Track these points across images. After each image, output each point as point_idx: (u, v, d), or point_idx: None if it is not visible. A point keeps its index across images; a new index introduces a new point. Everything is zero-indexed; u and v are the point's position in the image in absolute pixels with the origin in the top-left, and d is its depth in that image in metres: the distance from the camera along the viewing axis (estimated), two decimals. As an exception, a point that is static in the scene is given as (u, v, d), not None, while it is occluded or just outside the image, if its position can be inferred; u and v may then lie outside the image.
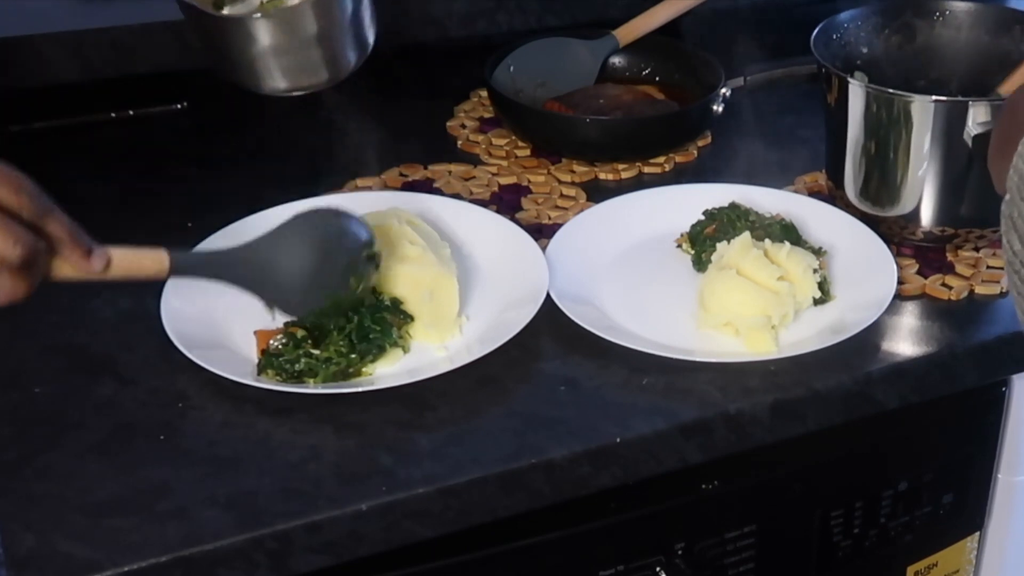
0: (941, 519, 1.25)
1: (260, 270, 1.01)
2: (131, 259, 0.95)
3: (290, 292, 1.02)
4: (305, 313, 1.04)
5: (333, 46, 1.31)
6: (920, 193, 1.19)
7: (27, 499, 0.93)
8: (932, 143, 1.16)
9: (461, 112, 1.49)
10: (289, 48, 1.28)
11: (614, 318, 1.12)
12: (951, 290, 1.18)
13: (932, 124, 1.15)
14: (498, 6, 1.66)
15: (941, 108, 1.15)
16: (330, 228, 1.04)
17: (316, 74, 1.33)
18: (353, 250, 1.04)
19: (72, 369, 1.07)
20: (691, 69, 1.48)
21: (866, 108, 1.18)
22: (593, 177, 1.36)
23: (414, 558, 1.00)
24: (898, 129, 1.17)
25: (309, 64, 1.31)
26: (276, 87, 1.33)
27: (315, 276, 1.02)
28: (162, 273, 0.97)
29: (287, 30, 1.28)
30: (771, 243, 1.14)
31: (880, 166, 1.20)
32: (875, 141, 1.19)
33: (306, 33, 1.28)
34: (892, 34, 1.31)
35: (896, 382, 1.09)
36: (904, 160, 1.18)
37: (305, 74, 1.32)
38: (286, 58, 1.29)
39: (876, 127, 1.18)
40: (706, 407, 1.03)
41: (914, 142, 1.17)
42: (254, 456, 0.97)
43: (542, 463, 0.98)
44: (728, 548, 1.13)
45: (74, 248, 0.91)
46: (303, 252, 1.02)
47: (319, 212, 1.05)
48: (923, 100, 1.15)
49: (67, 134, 1.42)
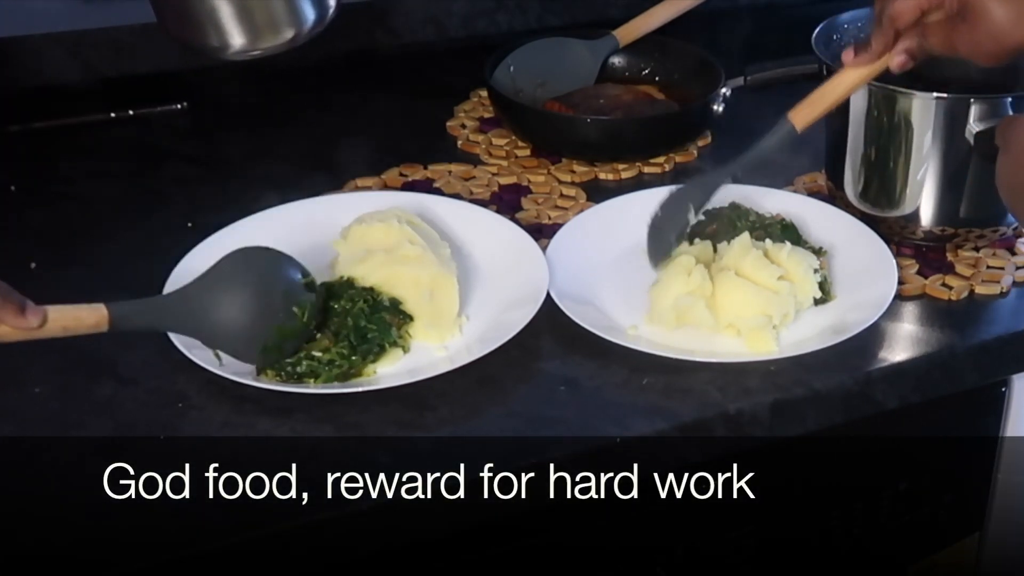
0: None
1: (201, 314, 1.01)
2: (69, 314, 0.95)
3: (235, 331, 1.02)
4: (255, 352, 1.03)
5: None
6: (920, 192, 1.19)
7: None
8: (933, 141, 1.16)
9: (461, 112, 1.49)
10: None
11: (614, 318, 1.12)
12: (951, 290, 1.18)
13: (933, 122, 1.15)
14: (498, 6, 1.66)
15: (943, 105, 1.15)
16: (261, 264, 1.04)
17: (274, 30, 1.19)
18: (290, 281, 1.04)
19: (72, 369, 1.07)
20: (691, 69, 1.48)
21: (867, 106, 1.18)
22: (593, 177, 1.36)
23: (414, 558, 1.00)
24: (899, 127, 1.17)
25: (264, 17, 1.19)
26: (229, 43, 1.19)
27: (256, 311, 1.02)
28: (102, 325, 0.96)
29: None
30: (771, 243, 1.14)
31: (880, 165, 1.20)
32: (876, 140, 1.19)
33: None
34: None
35: (896, 382, 1.09)
36: (905, 159, 1.18)
37: (260, 29, 1.19)
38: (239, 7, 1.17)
39: (877, 125, 1.18)
40: (706, 407, 1.03)
41: (915, 140, 1.17)
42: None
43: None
44: (728, 548, 1.13)
45: (4, 306, 0.90)
46: (240, 290, 1.02)
47: (247, 251, 1.04)
48: (925, 97, 1.15)
49: (67, 134, 1.42)
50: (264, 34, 1.19)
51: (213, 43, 1.18)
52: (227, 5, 1.16)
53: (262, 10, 1.18)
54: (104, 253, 1.21)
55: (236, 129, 1.44)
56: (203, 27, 1.17)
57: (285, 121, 1.47)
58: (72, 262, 1.20)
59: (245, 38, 1.18)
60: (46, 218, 1.27)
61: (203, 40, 1.18)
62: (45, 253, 1.21)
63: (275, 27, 1.19)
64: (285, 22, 1.19)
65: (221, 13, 1.16)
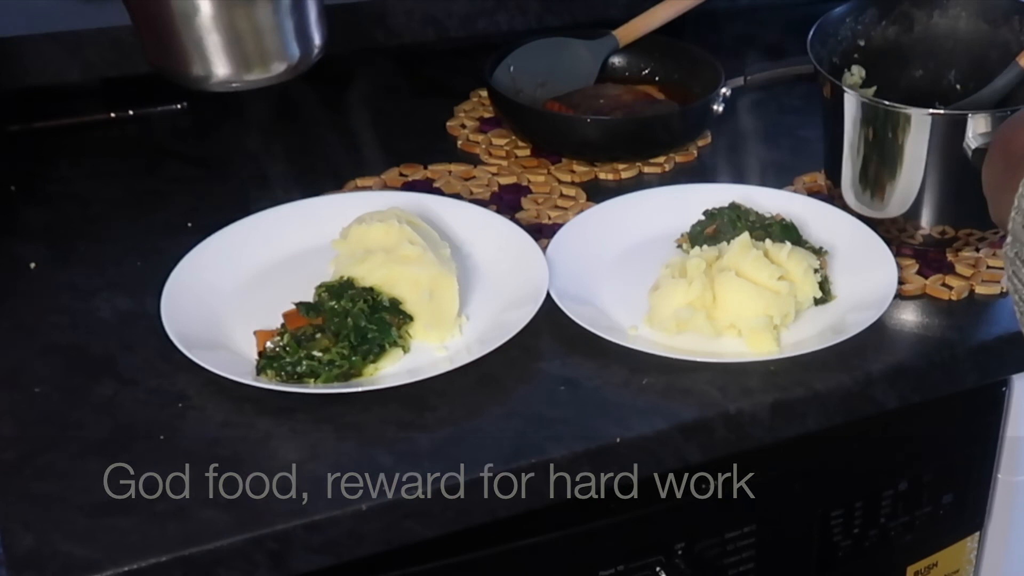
0: (941, 519, 1.25)
1: None
2: None
3: None
4: None
5: (279, 30, 1.20)
6: (919, 199, 1.19)
7: (27, 499, 0.93)
8: (930, 153, 1.15)
9: (461, 112, 1.49)
10: (231, 25, 1.18)
11: (614, 318, 1.12)
12: (951, 290, 1.18)
13: (930, 135, 1.14)
14: (498, 6, 1.66)
15: (939, 120, 1.13)
16: None
17: (262, 63, 1.21)
18: None
19: (72, 369, 1.07)
20: (691, 69, 1.48)
21: (862, 117, 1.18)
22: (593, 177, 1.36)
23: (414, 558, 1.00)
24: (894, 139, 1.16)
25: (254, 49, 1.20)
26: (216, 75, 1.21)
27: None
28: None
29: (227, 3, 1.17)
30: (771, 243, 1.14)
31: (876, 172, 1.20)
32: (871, 148, 1.19)
33: (249, 11, 1.18)
34: (889, 25, 1.31)
35: (896, 382, 1.09)
36: (901, 168, 1.17)
37: (248, 62, 1.21)
38: (226, 35, 1.18)
39: (871, 136, 1.18)
40: (706, 407, 1.03)
41: (910, 152, 1.15)
42: (254, 456, 0.97)
43: (542, 463, 0.98)
44: (728, 548, 1.13)
45: None
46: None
47: None
48: (920, 113, 1.14)
49: (67, 134, 1.42)
50: (250, 67, 1.20)
51: (196, 72, 1.19)
52: (215, 35, 1.17)
53: (250, 42, 1.19)
54: (104, 253, 1.21)
55: (236, 129, 1.44)
56: (188, 56, 1.18)
57: (285, 121, 1.47)
58: (72, 262, 1.20)
59: (229, 70, 1.19)
60: (46, 218, 1.27)
61: (186, 69, 1.19)
62: (45, 253, 1.21)
63: (263, 60, 1.20)
64: (272, 56, 1.21)
65: (207, 43, 1.17)
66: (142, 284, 1.15)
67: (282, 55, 1.22)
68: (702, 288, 1.10)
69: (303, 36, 1.24)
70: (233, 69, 1.20)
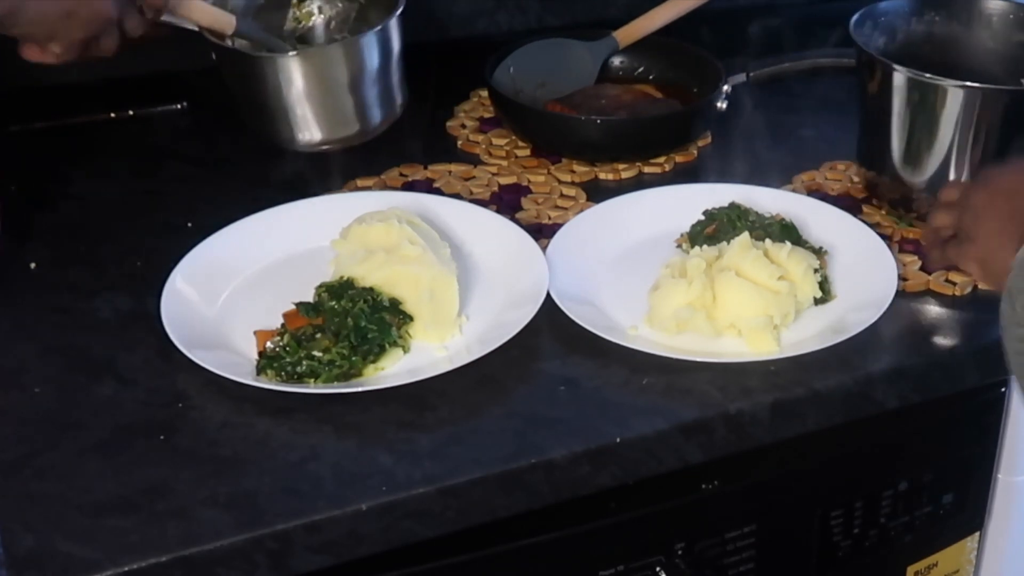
0: (941, 519, 1.25)
1: None
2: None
3: None
4: None
5: (362, 97, 1.32)
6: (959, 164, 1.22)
7: (27, 499, 0.93)
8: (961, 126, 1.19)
9: (461, 112, 1.49)
10: (320, 89, 1.29)
11: (614, 318, 1.12)
12: (955, 286, 1.18)
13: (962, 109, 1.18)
14: (498, 6, 1.66)
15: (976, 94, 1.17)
16: None
17: (345, 125, 1.33)
18: None
19: (72, 369, 1.07)
20: (691, 69, 1.48)
21: (908, 95, 1.20)
22: (593, 177, 1.36)
23: (414, 558, 1.00)
24: (937, 115, 1.19)
25: (338, 113, 1.32)
26: (308, 138, 1.32)
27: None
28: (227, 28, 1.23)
29: (318, 70, 1.28)
30: (771, 243, 1.14)
31: (925, 147, 1.22)
32: (916, 125, 1.22)
33: (336, 75, 1.29)
34: (924, 26, 1.32)
35: (896, 382, 1.09)
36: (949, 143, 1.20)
37: (334, 124, 1.32)
38: (316, 103, 1.29)
39: (916, 113, 1.21)
40: (706, 407, 1.03)
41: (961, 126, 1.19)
42: (254, 456, 0.97)
43: (542, 463, 0.98)
44: (728, 548, 1.13)
45: None
46: None
47: None
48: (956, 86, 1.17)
49: (67, 134, 1.42)
50: (334, 131, 1.33)
51: (285, 136, 1.33)
52: (299, 107, 1.29)
53: (333, 110, 1.31)
54: (104, 253, 1.21)
55: (236, 129, 1.44)
56: (276, 122, 1.31)
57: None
58: (72, 262, 1.20)
59: (318, 134, 1.32)
60: (46, 218, 1.27)
61: (276, 133, 1.33)
62: (45, 253, 1.21)
63: (346, 126, 1.33)
64: (356, 122, 1.33)
65: (296, 113, 1.30)
66: (142, 284, 1.15)
67: (365, 121, 1.34)
68: (702, 288, 1.10)
69: (386, 101, 1.35)
70: (320, 135, 1.32)
